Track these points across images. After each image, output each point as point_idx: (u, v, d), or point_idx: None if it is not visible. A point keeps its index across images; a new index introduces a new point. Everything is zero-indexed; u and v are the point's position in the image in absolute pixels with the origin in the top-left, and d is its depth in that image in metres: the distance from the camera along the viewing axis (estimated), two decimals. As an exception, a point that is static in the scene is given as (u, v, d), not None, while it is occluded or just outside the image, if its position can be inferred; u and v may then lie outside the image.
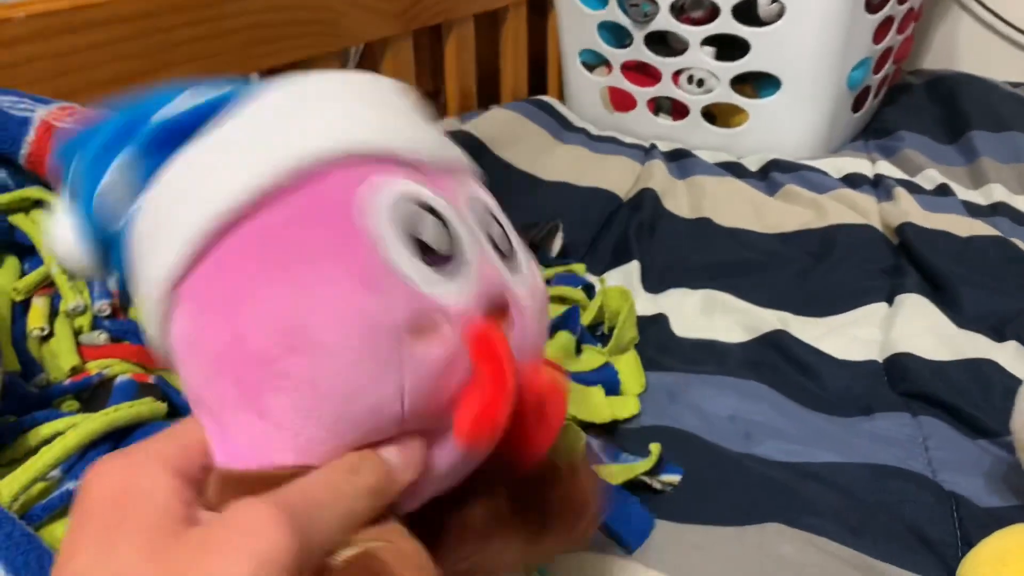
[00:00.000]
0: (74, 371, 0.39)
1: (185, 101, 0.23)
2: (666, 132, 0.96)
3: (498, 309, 0.24)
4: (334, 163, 0.22)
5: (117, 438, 0.34)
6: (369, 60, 0.87)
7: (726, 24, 0.85)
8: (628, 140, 0.96)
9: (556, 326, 0.53)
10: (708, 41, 0.89)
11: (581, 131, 0.97)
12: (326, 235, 0.21)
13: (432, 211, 0.23)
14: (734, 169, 0.88)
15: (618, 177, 0.85)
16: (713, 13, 0.86)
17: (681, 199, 0.81)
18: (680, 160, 0.90)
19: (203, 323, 0.22)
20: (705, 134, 0.94)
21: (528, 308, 0.25)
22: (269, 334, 0.21)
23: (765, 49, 0.85)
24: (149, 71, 0.63)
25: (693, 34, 0.88)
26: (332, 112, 0.23)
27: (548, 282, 0.62)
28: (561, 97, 1.07)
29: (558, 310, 0.55)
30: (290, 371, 0.21)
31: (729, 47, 0.88)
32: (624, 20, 0.91)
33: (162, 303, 0.22)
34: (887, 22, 0.90)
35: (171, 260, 0.22)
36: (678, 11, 0.90)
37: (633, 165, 0.89)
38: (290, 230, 0.21)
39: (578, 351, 0.55)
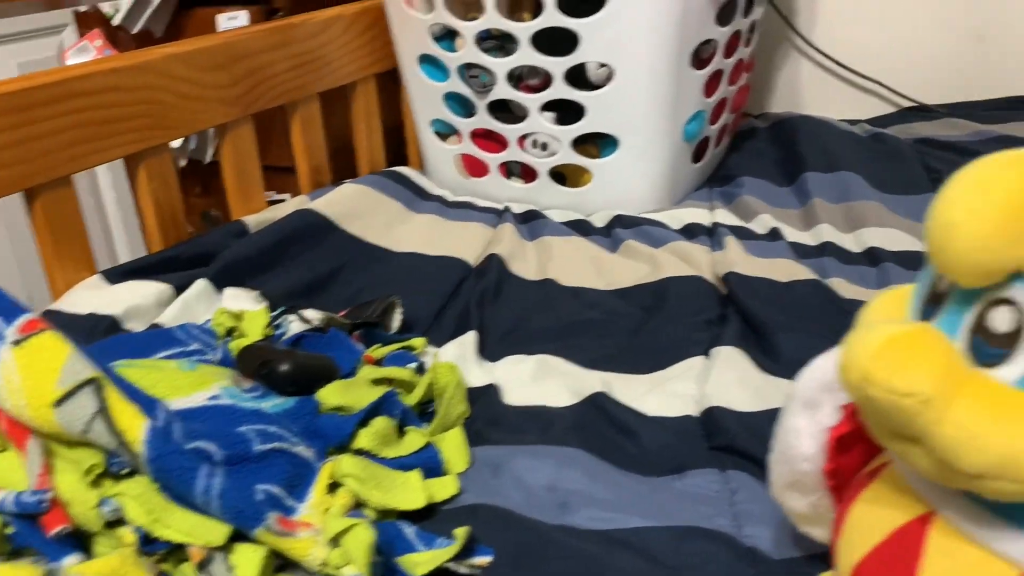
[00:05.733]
0: None
1: None
2: (520, 194, 0.98)
3: None
4: None
5: None
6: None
7: (560, 90, 0.88)
8: (483, 204, 0.98)
9: (372, 412, 0.53)
10: (548, 106, 0.91)
11: (437, 199, 0.98)
12: None
13: None
14: (581, 227, 0.90)
15: (470, 244, 0.87)
16: (548, 80, 0.89)
17: (529, 261, 0.83)
18: (531, 221, 0.92)
19: None
20: (555, 194, 0.96)
21: None
22: None
23: (599, 111, 0.88)
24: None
25: (531, 101, 0.91)
26: None
27: (379, 362, 0.63)
28: (422, 166, 1.08)
29: (378, 394, 0.55)
30: None
31: (569, 111, 0.91)
32: (467, 90, 0.93)
33: None
34: (716, 75, 0.94)
35: None
36: (516, 80, 0.92)
37: (485, 230, 0.90)
38: None
39: (403, 433, 0.55)
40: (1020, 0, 1.17)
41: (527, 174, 0.98)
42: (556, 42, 0.86)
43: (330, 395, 0.54)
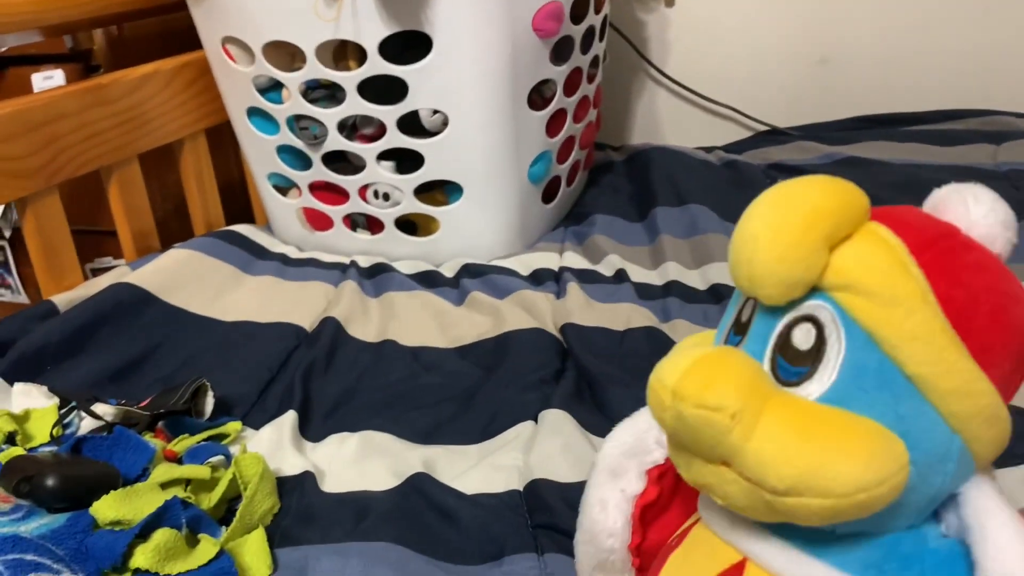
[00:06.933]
0: None
1: None
2: (368, 246, 0.94)
3: None
4: None
5: None
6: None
7: (395, 138, 0.85)
8: (328, 259, 0.93)
9: (152, 524, 0.48)
10: (388, 155, 0.87)
11: (277, 257, 0.93)
12: None
13: None
14: (429, 279, 0.86)
15: (308, 306, 0.82)
16: (384, 129, 0.85)
17: (370, 321, 0.78)
18: (377, 276, 0.88)
19: None
20: (404, 245, 0.92)
21: None
22: None
23: (438, 158, 0.85)
24: None
25: (367, 151, 0.86)
26: None
27: (179, 460, 0.57)
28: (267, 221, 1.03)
29: (160, 502, 0.49)
30: None
31: (410, 159, 0.87)
32: (300, 143, 0.89)
33: None
34: (560, 114, 0.92)
35: None
36: (351, 130, 0.88)
37: (327, 289, 0.85)
38: None
39: (197, 541, 0.50)
40: (858, 25, 1.20)
41: (373, 225, 0.94)
42: (386, 90, 0.83)
43: (106, 508, 0.49)
